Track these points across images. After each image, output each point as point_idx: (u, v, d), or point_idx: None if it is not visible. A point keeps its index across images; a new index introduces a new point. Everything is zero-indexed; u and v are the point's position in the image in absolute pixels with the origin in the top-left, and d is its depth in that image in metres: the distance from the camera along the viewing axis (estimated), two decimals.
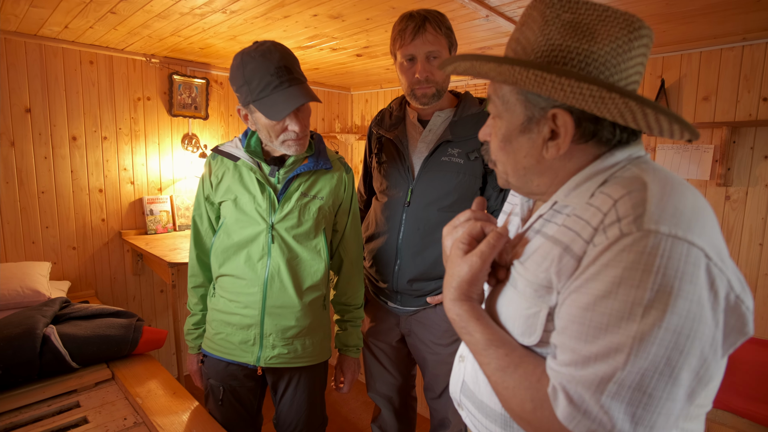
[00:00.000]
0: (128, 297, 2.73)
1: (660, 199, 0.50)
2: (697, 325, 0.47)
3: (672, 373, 0.47)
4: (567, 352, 0.52)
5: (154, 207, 2.74)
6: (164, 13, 1.85)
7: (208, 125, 2.98)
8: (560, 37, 0.55)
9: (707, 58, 2.12)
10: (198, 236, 1.35)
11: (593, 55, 0.54)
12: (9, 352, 1.31)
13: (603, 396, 0.48)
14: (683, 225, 0.48)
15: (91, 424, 1.20)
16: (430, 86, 1.29)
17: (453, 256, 0.66)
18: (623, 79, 0.55)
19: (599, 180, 0.57)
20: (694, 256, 0.47)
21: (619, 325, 0.48)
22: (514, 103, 0.60)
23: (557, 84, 0.51)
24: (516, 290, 0.61)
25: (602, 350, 0.49)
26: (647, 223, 0.48)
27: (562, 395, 0.51)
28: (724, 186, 2.11)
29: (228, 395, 1.32)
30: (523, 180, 0.65)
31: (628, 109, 0.51)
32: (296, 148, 1.19)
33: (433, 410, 1.55)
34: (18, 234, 2.30)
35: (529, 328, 0.59)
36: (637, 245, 0.48)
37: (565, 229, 0.57)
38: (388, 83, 3.47)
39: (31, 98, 2.28)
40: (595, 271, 0.50)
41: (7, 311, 1.88)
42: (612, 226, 0.50)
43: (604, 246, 0.50)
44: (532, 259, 0.60)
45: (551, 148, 0.59)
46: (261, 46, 1.12)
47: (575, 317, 0.52)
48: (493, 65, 0.56)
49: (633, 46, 0.54)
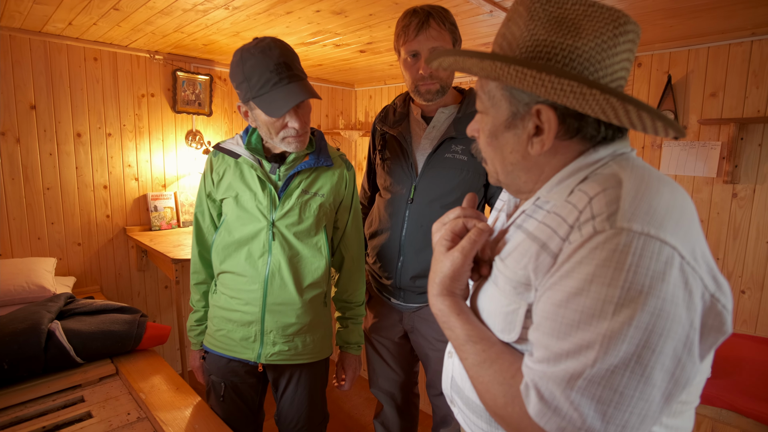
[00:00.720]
0: (133, 293, 2.75)
1: (634, 196, 0.50)
2: (670, 323, 0.46)
3: (644, 372, 0.46)
4: (540, 349, 0.53)
5: (159, 203, 2.75)
6: (167, 9, 1.85)
7: (212, 121, 2.99)
8: (545, 32, 0.55)
9: (715, 53, 2.10)
10: (200, 233, 1.35)
11: (577, 50, 0.53)
12: (14, 347, 1.32)
13: (573, 392, 0.48)
14: (656, 223, 0.48)
15: (96, 418, 1.21)
16: (434, 82, 1.28)
17: (436, 252, 0.67)
18: (608, 75, 0.54)
19: (580, 177, 0.57)
20: (666, 255, 0.47)
21: (590, 322, 0.48)
22: (500, 99, 0.60)
23: (538, 80, 0.51)
24: (497, 287, 0.62)
25: (573, 347, 0.49)
26: (620, 220, 0.48)
27: (533, 392, 0.51)
28: (731, 183, 2.09)
29: (229, 391, 1.32)
30: (511, 176, 0.65)
31: (609, 105, 0.50)
32: (296, 145, 1.19)
33: (435, 407, 1.55)
34: (24, 230, 2.32)
35: (508, 324, 0.59)
36: (609, 243, 0.48)
37: (543, 226, 0.57)
38: (392, 79, 3.46)
39: (36, 95, 2.29)
40: (568, 268, 0.51)
41: (12, 306, 1.89)
42: (586, 223, 0.51)
43: (578, 243, 0.50)
44: (512, 256, 0.60)
45: (536, 144, 0.59)
46: (260, 43, 1.11)
47: (548, 314, 0.52)
48: (476, 60, 0.56)
49: (618, 42, 0.53)
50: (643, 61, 2.32)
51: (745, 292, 2.11)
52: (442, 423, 1.55)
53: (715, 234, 2.17)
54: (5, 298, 1.92)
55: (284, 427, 1.39)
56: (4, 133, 2.22)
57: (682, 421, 0.58)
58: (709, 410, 1.51)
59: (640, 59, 2.33)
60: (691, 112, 2.19)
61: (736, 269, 2.13)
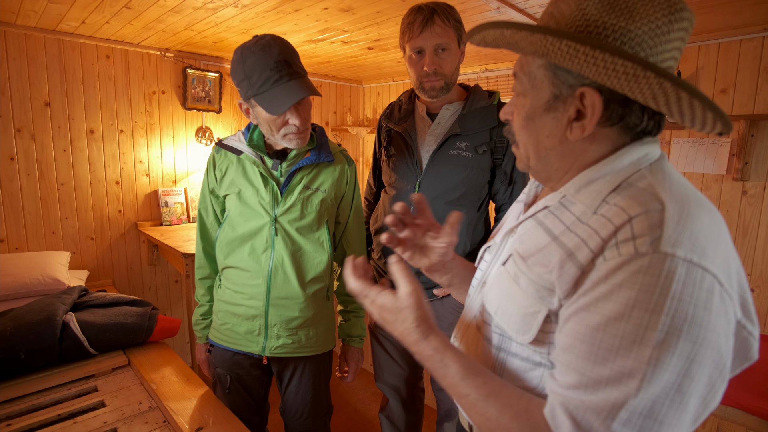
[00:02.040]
0: (144, 286, 2.80)
1: (678, 222, 0.48)
2: (710, 351, 0.46)
3: (682, 400, 0.46)
4: (573, 374, 0.50)
5: (169, 199, 2.80)
6: (178, 7, 1.88)
7: (222, 118, 3.02)
8: (597, 12, 0.52)
9: (725, 49, 2.07)
10: (204, 229, 1.38)
11: (630, 33, 0.51)
12: (31, 337, 1.36)
13: (615, 423, 0.46)
14: (698, 250, 0.47)
15: (109, 407, 1.24)
16: (438, 79, 1.29)
17: (389, 322, 0.65)
18: (658, 63, 0.52)
19: (612, 182, 0.55)
20: (708, 283, 0.47)
21: (631, 348, 0.46)
22: (542, 80, 0.58)
23: (590, 58, 0.49)
24: (518, 287, 0.60)
25: (614, 374, 0.47)
26: (664, 245, 0.47)
27: (567, 420, 0.49)
28: (740, 181, 2.07)
29: (235, 384, 1.35)
30: (543, 162, 0.62)
31: (662, 91, 0.48)
32: (297, 141, 1.20)
33: (439, 401, 1.57)
34: (39, 224, 2.38)
35: (525, 326, 0.58)
36: (653, 268, 0.47)
37: (571, 233, 0.55)
38: (399, 76, 3.46)
39: (51, 92, 2.34)
40: (607, 290, 0.49)
41: (29, 298, 1.95)
42: (626, 243, 0.49)
43: (617, 263, 0.49)
44: (535, 258, 0.59)
45: (576, 129, 0.57)
46: (260, 41, 1.12)
47: (585, 337, 0.50)
48: (525, 34, 0.52)
49: (672, 29, 0.51)
50: None
51: (754, 290, 2.09)
52: (447, 417, 1.56)
53: None
54: (22, 290, 1.97)
55: (289, 419, 1.42)
56: (20, 129, 2.27)
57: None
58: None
59: None
60: None
61: (745, 267, 2.11)
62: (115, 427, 1.15)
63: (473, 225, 1.38)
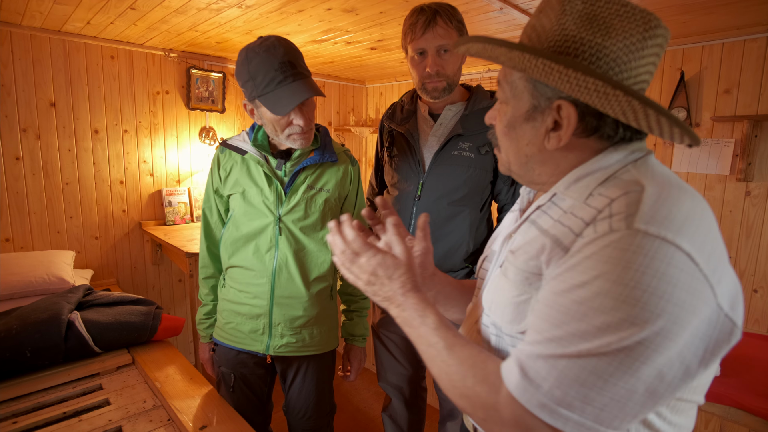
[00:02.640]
0: (148, 286, 2.81)
1: (655, 201, 0.50)
2: (671, 325, 0.46)
3: (632, 365, 0.47)
4: (532, 333, 0.54)
5: (173, 198, 2.81)
6: (182, 8, 1.89)
7: (225, 118, 3.03)
8: (575, 27, 0.55)
9: (729, 49, 2.07)
10: (208, 228, 1.39)
11: (605, 50, 0.54)
12: (36, 336, 1.37)
13: (558, 372, 0.49)
14: (673, 228, 0.48)
15: (113, 405, 1.25)
16: (440, 80, 1.29)
17: (370, 278, 0.68)
18: (632, 77, 0.55)
19: (599, 177, 0.57)
20: (679, 260, 0.47)
21: (586, 313, 0.49)
22: (522, 90, 0.61)
23: (564, 75, 0.52)
24: (507, 279, 0.63)
25: (566, 335, 0.50)
26: (638, 222, 0.48)
27: (517, 369, 0.52)
28: (744, 181, 2.06)
29: (239, 382, 1.36)
30: (525, 168, 0.65)
31: (630, 107, 0.51)
32: (301, 142, 1.21)
33: (442, 400, 1.57)
34: (44, 224, 2.39)
35: (519, 315, 0.60)
36: (622, 242, 0.48)
37: (559, 224, 0.57)
38: (402, 76, 3.47)
39: (56, 92, 2.36)
40: (575, 261, 0.51)
41: (34, 297, 1.96)
42: (603, 221, 0.51)
43: (590, 239, 0.51)
44: (522, 248, 0.61)
45: (552, 139, 0.59)
46: (265, 42, 1.13)
47: (547, 301, 0.53)
48: (504, 50, 0.56)
49: (646, 45, 0.54)
50: None
51: (758, 291, 2.08)
52: (449, 416, 1.57)
53: (727, 232, 2.14)
54: (27, 289, 1.98)
55: (292, 418, 1.42)
56: (26, 129, 2.29)
57: (685, 419, 0.58)
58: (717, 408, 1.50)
59: None
60: (704, 109, 2.16)
61: (748, 268, 2.10)
62: (120, 425, 1.16)
63: (476, 225, 1.39)
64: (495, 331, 0.65)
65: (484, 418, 0.56)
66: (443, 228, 1.37)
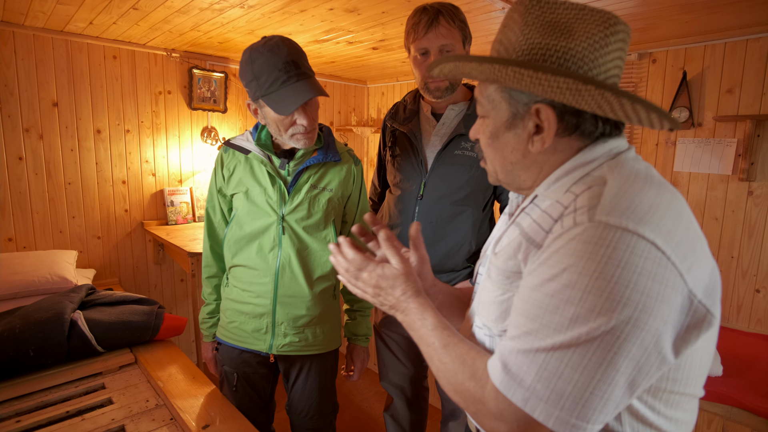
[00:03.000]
0: (150, 285, 2.82)
1: (615, 193, 0.52)
2: (638, 313, 0.48)
3: (606, 356, 0.48)
4: (512, 328, 0.56)
5: (175, 198, 2.81)
6: (184, 8, 1.89)
7: (227, 118, 3.04)
8: (539, 36, 0.57)
9: (732, 49, 2.06)
10: (211, 228, 1.39)
11: (571, 51, 0.56)
12: (40, 335, 1.37)
13: (538, 366, 0.51)
14: (635, 218, 0.50)
15: (116, 404, 1.25)
16: (443, 80, 1.30)
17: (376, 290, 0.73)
18: (602, 73, 0.57)
19: (576, 176, 0.60)
20: (642, 248, 0.49)
21: (558, 306, 0.51)
22: (499, 101, 0.63)
23: (535, 79, 0.54)
24: (490, 279, 0.66)
25: (540, 327, 0.52)
26: (598, 214, 0.51)
27: (499, 364, 0.55)
28: (746, 181, 2.06)
29: (242, 381, 1.36)
30: (511, 175, 0.68)
31: (604, 99, 0.53)
32: (305, 141, 1.21)
33: (444, 400, 1.57)
34: (46, 223, 2.40)
35: (502, 313, 0.63)
36: (584, 234, 0.51)
37: (535, 224, 0.60)
38: (404, 76, 3.47)
39: (58, 92, 2.36)
40: (546, 256, 0.54)
41: (37, 296, 1.97)
42: (568, 216, 0.54)
43: (557, 234, 0.54)
44: (503, 250, 0.64)
45: (536, 142, 0.61)
46: (269, 42, 1.13)
47: (522, 295, 0.56)
48: (475, 64, 0.59)
49: (609, 41, 0.56)
50: (657, 57, 2.29)
51: (760, 290, 2.08)
52: (451, 416, 1.57)
53: (729, 232, 2.14)
54: (30, 289, 1.99)
55: (295, 417, 1.42)
56: (28, 129, 2.29)
57: (682, 413, 0.58)
58: (720, 408, 1.50)
59: (655, 55, 2.30)
60: (706, 109, 2.16)
61: (751, 268, 2.10)
62: (123, 424, 1.16)
63: (478, 225, 1.39)
64: (488, 332, 0.67)
65: (474, 412, 0.59)
66: (445, 227, 1.37)
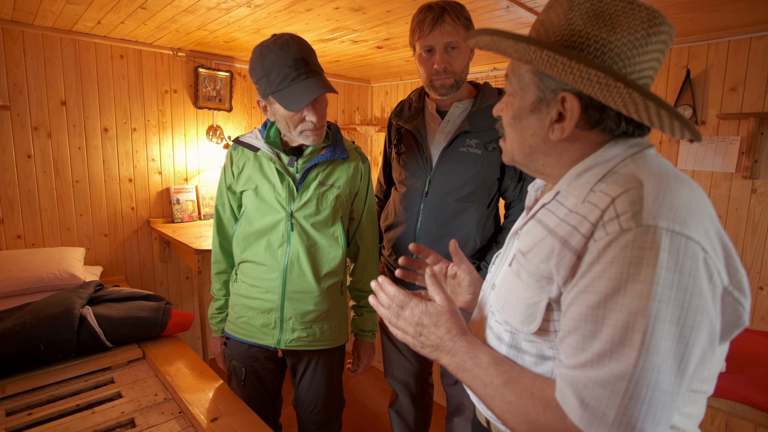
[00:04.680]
0: (156, 283, 2.84)
1: (656, 195, 0.51)
2: (700, 317, 0.48)
3: (679, 366, 0.48)
4: (580, 353, 0.53)
5: (181, 196, 2.84)
6: (192, 7, 1.91)
7: (232, 117, 3.06)
8: (582, 23, 0.56)
9: (735, 47, 2.07)
10: (220, 224, 1.40)
11: (610, 44, 0.55)
12: (50, 330, 1.39)
13: (621, 397, 0.48)
14: (679, 219, 0.50)
15: (125, 398, 1.27)
16: (448, 77, 1.31)
17: (418, 331, 0.71)
18: (636, 72, 0.56)
19: (599, 173, 0.59)
20: (692, 250, 0.49)
21: (628, 320, 0.49)
22: (529, 83, 0.63)
23: (567, 67, 0.53)
24: (519, 280, 0.64)
25: (615, 347, 0.49)
26: (646, 218, 0.50)
27: (575, 400, 0.51)
28: (750, 179, 2.06)
29: (250, 376, 1.38)
30: (529, 158, 0.67)
31: (631, 99, 0.52)
32: (314, 138, 1.22)
33: (449, 396, 1.58)
34: (54, 221, 2.42)
35: (529, 316, 0.61)
36: (638, 241, 0.49)
37: (564, 224, 0.59)
38: (408, 75, 3.48)
39: (66, 91, 2.39)
40: (600, 269, 0.52)
41: (46, 292, 1.99)
42: (611, 222, 0.52)
43: (606, 242, 0.52)
44: (533, 251, 0.62)
45: (556, 130, 0.61)
46: (279, 39, 1.14)
47: (587, 316, 0.52)
48: (511, 42, 0.58)
49: (650, 41, 0.55)
50: None
51: (764, 288, 2.08)
52: (456, 412, 1.58)
53: (733, 230, 2.14)
54: (39, 285, 2.01)
55: (302, 411, 1.44)
56: (37, 128, 2.32)
57: (696, 409, 0.60)
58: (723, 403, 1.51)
59: None
60: (710, 107, 2.16)
61: (754, 265, 2.10)
62: (132, 417, 1.18)
63: (483, 222, 1.40)
64: (509, 328, 0.67)
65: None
66: (450, 224, 1.38)
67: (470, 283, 0.87)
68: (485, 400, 0.63)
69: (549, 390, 0.57)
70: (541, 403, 0.56)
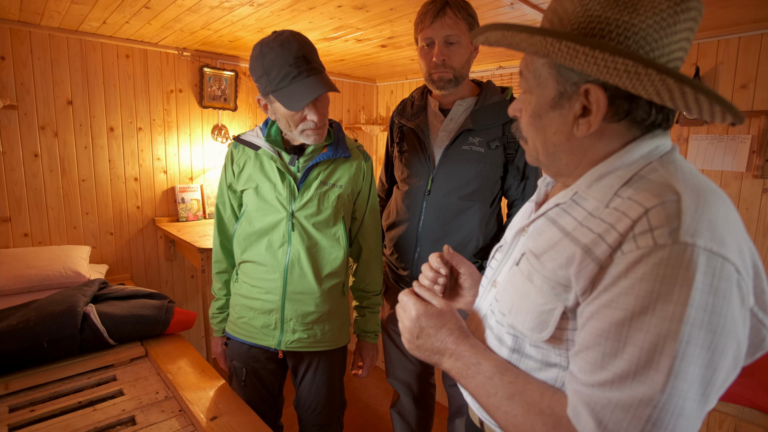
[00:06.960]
0: (161, 281, 2.85)
1: (695, 211, 0.48)
2: (729, 341, 0.46)
3: (705, 391, 0.46)
4: (599, 371, 0.49)
5: (186, 195, 2.85)
6: (195, 7, 1.91)
7: (237, 116, 3.06)
8: (600, 7, 0.52)
9: (746, 43, 2.03)
10: (221, 223, 1.40)
11: (634, 27, 0.50)
12: (54, 327, 1.40)
13: (642, 422, 0.46)
14: (717, 239, 0.47)
15: (127, 396, 1.28)
16: (447, 70, 1.29)
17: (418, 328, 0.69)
18: (665, 55, 0.51)
19: (623, 176, 0.55)
20: (728, 272, 0.46)
21: (657, 342, 0.46)
22: (546, 78, 0.58)
23: (590, 57, 0.49)
24: (532, 284, 0.59)
25: (639, 369, 0.46)
26: (684, 236, 0.46)
27: (591, 420, 0.49)
28: (761, 178, 2.02)
29: (250, 376, 1.37)
30: (552, 158, 0.63)
31: (665, 86, 0.47)
32: (315, 137, 1.21)
33: (451, 397, 1.57)
34: (61, 219, 2.44)
35: (541, 323, 0.58)
36: (674, 259, 0.46)
37: (585, 229, 0.54)
38: (413, 74, 3.46)
39: (73, 91, 2.40)
40: (628, 284, 0.48)
41: (51, 290, 2.01)
42: (644, 235, 0.48)
43: (637, 257, 0.48)
44: (549, 255, 0.58)
45: (582, 125, 0.56)
46: (279, 36, 1.12)
47: (610, 333, 0.49)
48: (525, 36, 0.53)
49: (678, 20, 0.50)
50: None
51: None
52: (458, 413, 1.57)
53: None
54: (44, 282, 2.03)
55: (303, 413, 1.43)
56: (44, 127, 2.34)
57: None
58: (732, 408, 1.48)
59: None
60: None
61: (765, 266, 2.06)
62: (133, 414, 1.18)
63: (486, 220, 1.38)
64: (513, 332, 0.64)
65: None
66: (452, 223, 1.37)
67: (471, 285, 0.85)
68: (488, 410, 0.60)
69: (559, 406, 0.54)
70: (551, 420, 0.53)
